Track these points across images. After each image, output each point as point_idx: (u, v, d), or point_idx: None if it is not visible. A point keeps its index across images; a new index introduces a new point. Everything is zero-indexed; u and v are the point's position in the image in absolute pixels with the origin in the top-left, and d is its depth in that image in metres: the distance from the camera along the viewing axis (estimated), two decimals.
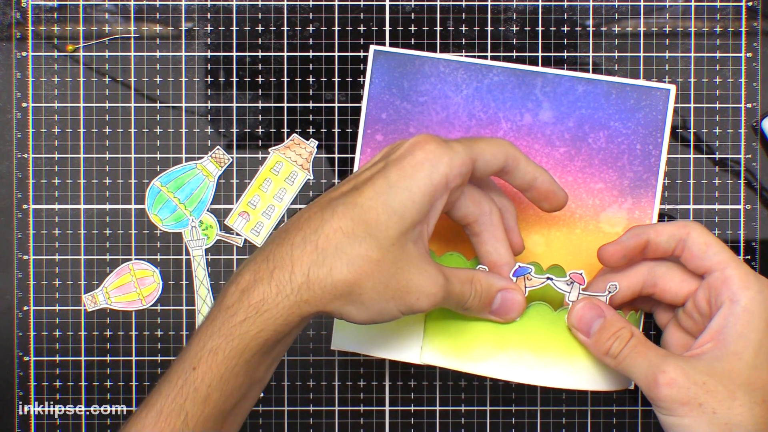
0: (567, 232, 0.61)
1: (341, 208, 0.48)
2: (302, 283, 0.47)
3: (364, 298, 0.47)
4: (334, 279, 0.47)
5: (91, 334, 0.63)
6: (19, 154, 0.63)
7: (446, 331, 0.54)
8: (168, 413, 0.47)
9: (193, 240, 0.63)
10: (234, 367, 0.47)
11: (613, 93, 0.61)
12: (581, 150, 0.61)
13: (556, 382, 0.53)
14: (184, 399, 0.47)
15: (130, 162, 0.63)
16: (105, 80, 0.63)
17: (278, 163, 0.63)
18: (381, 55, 0.61)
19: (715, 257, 0.52)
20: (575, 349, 0.54)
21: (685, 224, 0.53)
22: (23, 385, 0.63)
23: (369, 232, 0.47)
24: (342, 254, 0.47)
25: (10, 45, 0.63)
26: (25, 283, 0.63)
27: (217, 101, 0.63)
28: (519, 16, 0.63)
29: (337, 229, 0.47)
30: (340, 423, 0.63)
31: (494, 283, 0.53)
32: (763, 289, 0.51)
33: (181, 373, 0.47)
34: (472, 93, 0.61)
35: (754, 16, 0.62)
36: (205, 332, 0.48)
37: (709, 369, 0.49)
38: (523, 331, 0.54)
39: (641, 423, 0.63)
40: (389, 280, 0.47)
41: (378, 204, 0.47)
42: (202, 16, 0.63)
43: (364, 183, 0.49)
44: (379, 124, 0.62)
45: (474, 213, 0.53)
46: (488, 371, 0.53)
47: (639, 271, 0.55)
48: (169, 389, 0.47)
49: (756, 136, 0.62)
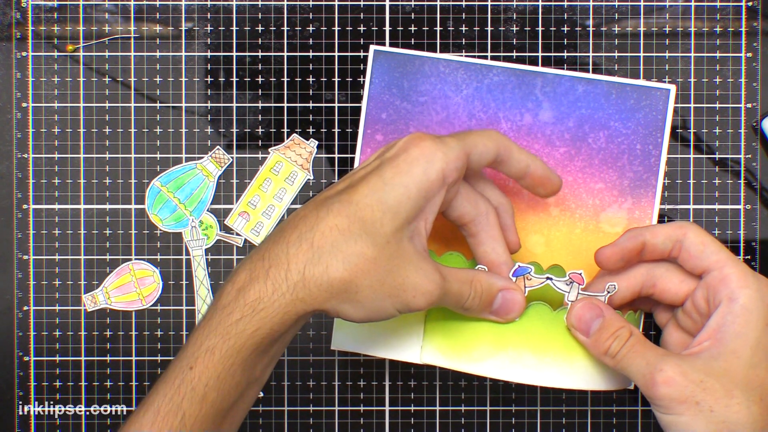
0: (567, 232, 0.61)
1: (336, 205, 0.48)
2: (298, 282, 0.47)
3: (360, 296, 0.47)
4: (330, 277, 0.47)
5: (91, 334, 0.63)
6: (19, 154, 0.63)
7: (446, 331, 0.54)
8: (165, 413, 0.47)
9: (193, 240, 0.63)
10: (231, 366, 0.47)
11: (613, 93, 0.61)
12: (581, 150, 0.61)
13: (555, 382, 0.53)
14: (182, 398, 0.47)
15: (130, 162, 0.63)
16: (105, 80, 0.63)
17: (278, 163, 0.63)
18: (381, 55, 0.61)
19: (713, 256, 0.52)
20: (575, 349, 0.54)
21: (682, 225, 0.54)
22: (23, 385, 0.63)
23: (364, 230, 0.47)
24: (338, 252, 0.47)
25: (10, 45, 0.63)
26: (25, 283, 0.63)
27: (217, 101, 0.63)
28: (519, 16, 0.63)
29: (333, 226, 0.47)
30: (340, 423, 0.63)
31: (495, 283, 0.53)
32: (761, 287, 0.51)
33: (179, 373, 0.47)
34: (472, 93, 0.61)
35: (754, 16, 0.62)
36: (202, 332, 0.48)
37: (707, 367, 0.49)
38: (523, 331, 0.54)
39: (641, 423, 0.63)
40: (385, 277, 0.47)
41: (373, 201, 0.48)
42: (202, 16, 0.63)
43: (359, 181, 0.49)
44: (379, 124, 0.62)
45: (470, 213, 0.53)
46: (488, 371, 0.53)
47: (638, 271, 0.55)
48: (166, 389, 0.47)
49: (756, 136, 0.62)
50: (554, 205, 0.61)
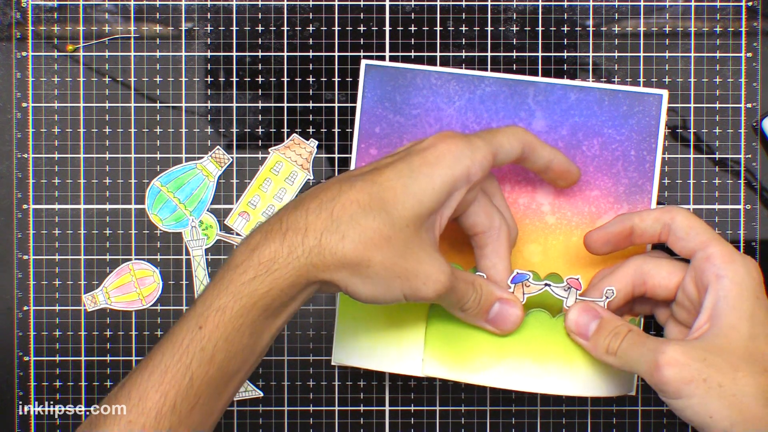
0: (564, 241, 0.60)
1: (360, 183, 0.48)
2: (314, 247, 0.47)
3: (371, 271, 0.48)
4: (345, 247, 0.47)
5: (91, 334, 0.63)
6: (19, 154, 0.63)
7: (447, 343, 0.55)
8: (174, 373, 0.46)
9: (193, 240, 0.63)
10: (240, 326, 0.47)
11: (606, 100, 0.61)
12: (575, 158, 0.61)
13: (557, 389, 0.53)
14: (190, 359, 0.46)
15: (130, 162, 0.63)
16: (105, 80, 0.63)
17: (278, 163, 0.63)
18: (373, 69, 0.61)
19: (698, 237, 0.53)
20: (576, 355, 0.54)
21: (670, 209, 0.54)
22: (23, 385, 0.63)
23: (384, 209, 0.48)
24: (356, 224, 0.47)
25: (10, 45, 0.63)
26: (25, 283, 0.63)
27: (217, 101, 0.63)
28: (519, 16, 0.63)
29: (354, 200, 0.48)
30: (340, 423, 0.63)
31: (494, 291, 0.53)
32: (746, 262, 0.51)
33: (187, 333, 0.47)
34: (465, 104, 0.61)
35: (754, 16, 0.62)
36: (212, 291, 0.47)
37: (709, 345, 0.49)
38: (523, 339, 0.54)
39: (641, 423, 0.63)
40: (398, 258, 0.48)
41: (397, 185, 0.48)
42: (202, 16, 0.63)
43: (386, 166, 0.49)
44: (373, 138, 0.62)
45: (484, 224, 0.54)
46: (490, 381, 0.54)
47: (626, 272, 0.56)
48: (174, 349, 0.46)
49: (756, 136, 0.62)
50: (550, 213, 0.61)
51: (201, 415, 0.47)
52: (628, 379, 0.57)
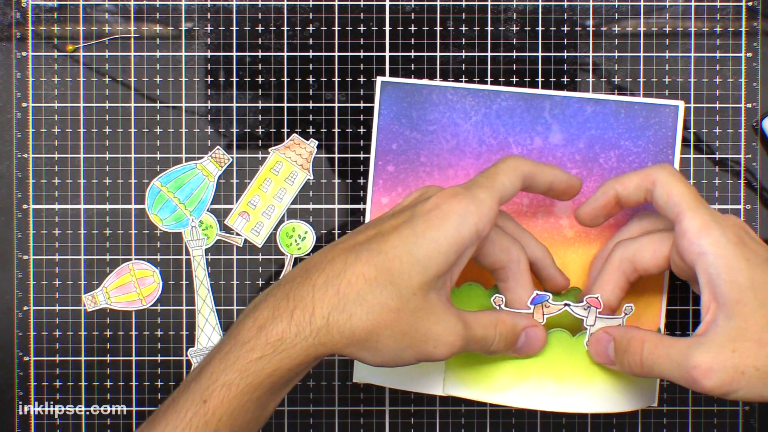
0: (583, 254, 0.61)
1: (365, 254, 0.48)
2: (322, 327, 0.47)
3: (380, 345, 0.48)
4: (353, 325, 0.47)
5: (91, 334, 0.63)
6: (19, 154, 0.63)
7: (468, 362, 0.55)
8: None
9: (193, 240, 0.63)
10: (246, 403, 0.47)
11: (622, 112, 0.61)
12: (593, 171, 0.61)
13: (579, 408, 0.54)
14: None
15: (130, 162, 0.63)
16: (105, 80, 0.63)
17: (278, 163, 0.63)
18: (388, 86, 0.61)
19: (675, 209, 0.51)
20: (596, 373, 0.54)
21: (650, 173, 0.53)
22: (23, 385, 0.63)
23: (391, 281, 0.47)
24: (363, 302, 0.47)
25: (10, 45, 0.63)
26: (25, 283, 0.63)
27: (217, 101, 0.63)
28: (519, 16, 0.63)
29: (360, 275, 0.47)
30: (340, 423, 0.63)
31: (518, 323, 0.53)
32: (723, 229, 0.49)
33: (191, 405, 0.47)
34: (481, 119, 0.61)
35: (754, 16, 0.62)
36: (218, 365, 0.47)
37: (728, 332, 0.48)
38: (544, 359, 0.54)
39: (641, 423, 0.63)
40: (407, 329, 0.48)
41: (403, 253, 0.48)
42: (202, 16, 0.63)
43: (390, 231, 0.49)
44: (390, 154, 0.62)
45: (502, 260, 0.53)
46: (512, 401, 0.54)
47: (612, 268, 0.55)
48: (177, 421, 0.47)
49: (756, 136, 0.62)
50: (569, 227, 0.61)
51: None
52: (650, 391, 0.57)
